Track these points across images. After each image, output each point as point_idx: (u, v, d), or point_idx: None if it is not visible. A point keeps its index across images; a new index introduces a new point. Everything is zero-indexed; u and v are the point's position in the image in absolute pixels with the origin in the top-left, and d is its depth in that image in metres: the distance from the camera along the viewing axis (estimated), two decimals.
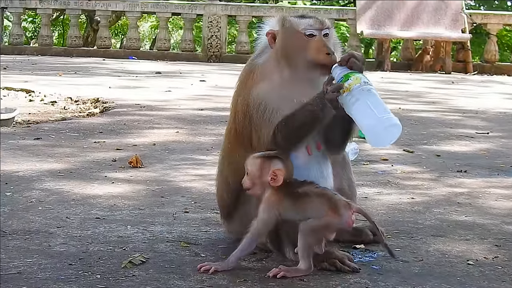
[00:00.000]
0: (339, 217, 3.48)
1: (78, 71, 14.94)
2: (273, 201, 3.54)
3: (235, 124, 3.88)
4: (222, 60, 20.27)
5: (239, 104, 3.84)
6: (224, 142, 4.05)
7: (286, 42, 3.78)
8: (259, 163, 3.56)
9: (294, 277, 3.45)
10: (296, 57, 3.76)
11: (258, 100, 3.74)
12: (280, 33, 3.80)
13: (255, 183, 3.57)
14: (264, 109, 3.72)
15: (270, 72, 3.79)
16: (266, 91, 3.74)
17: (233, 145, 3.92)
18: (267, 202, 3.54)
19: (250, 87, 3.79)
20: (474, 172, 6.23)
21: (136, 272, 3.49)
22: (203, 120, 8.75)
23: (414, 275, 3.57)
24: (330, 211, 3.48)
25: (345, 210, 3.49)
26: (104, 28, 21.87)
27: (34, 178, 5.48)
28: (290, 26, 3.78)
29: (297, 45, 3.75)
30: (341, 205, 3.50)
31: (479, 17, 20.69)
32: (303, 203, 3.51)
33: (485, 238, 4.24)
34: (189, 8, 21.17)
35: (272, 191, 3.54)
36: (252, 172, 3.57)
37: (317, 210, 3.49)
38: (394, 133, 3.49)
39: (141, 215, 4.55)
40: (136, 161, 6.04)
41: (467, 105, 11.41)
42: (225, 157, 4.00)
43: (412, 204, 5.03)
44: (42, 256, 3.67)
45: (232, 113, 3.93)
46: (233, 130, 3.91)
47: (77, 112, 9.49)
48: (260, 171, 3.55)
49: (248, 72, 3.87)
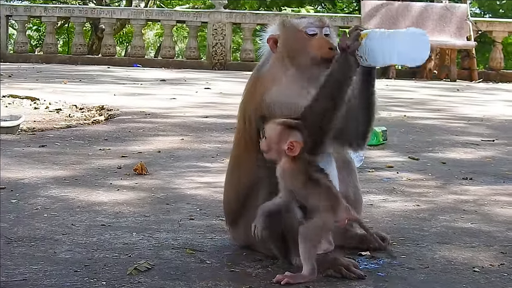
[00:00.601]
0: (334, 215, 3.51)
1: (83, 79, 14.96)
2: (287, 168, 3.56)
3: (245, 132, 3.88)
4: (227, 67, 20.27)
5: (250, 112, 3.84)
6: (234, 151, 4.04)
7: (288, 42, 3.84)
8: (278, 130, 3.58)
9: (299, 284, 3.44)
10: (299, 56, 3.81)
11: (270, 104, 3.75)
12: (282, 34, 3.86)
13: (271, 148, 3.59)
14: (278, 112, 3.72)
15: (277, 76, 3.81)
16: (277, 95, 3.76)
17: (243, 154, 3.92)
18: (282, 169, 3.57)
19: (260, 94, 3.80)
20: (479, 179, 6.22)
21: (141, 279, 3.49)
22: (208, 128, 8.75)
23: (420, 282, 3.56)
24: (329, 207, 3.50)
25: (342, 212, 3.52)
26: (109, 36, 21.88)
27: (39, 185, 5.49)
28: (291, 26, 3.87)
29: (300, 44, 3.82)
30: (341, 207, 3.53)
31: (484, 24, 20.67)
32: (311, 187, 3.53)
33: (491, 245, 4.23)
34: (194, 16, 21.19)
35: (288, 159, 3.56)
36: (270, 136, 3.59)
37: (318, 200, 3.51)
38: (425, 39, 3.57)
39: (146, 222, 4.55)
40: (141, 168, 6.04)
41: (472, 113, 11.40)
42: (234, 164, 4.00)
43: (417, 211, 5.02)
44: (48, 263, 3.67)
45: (240, 123, 3.93)
46: (243, 140, 3.91)
47: (82, 120, 9.50)
48: (278, 137, 3.57)
49: (255, 81, 3.89)
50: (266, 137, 3.60)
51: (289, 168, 3.56)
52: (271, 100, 3.76)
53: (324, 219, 3.51)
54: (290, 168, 3.56)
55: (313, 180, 3.54)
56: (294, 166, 3.56)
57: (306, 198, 3.54)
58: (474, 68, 19.56)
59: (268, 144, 3.60)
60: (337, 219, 3.53)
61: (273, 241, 3.75)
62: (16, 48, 21.39)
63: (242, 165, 3.91)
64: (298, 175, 3.55)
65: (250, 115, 3.84)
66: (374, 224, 4.52)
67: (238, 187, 3.92)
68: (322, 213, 3.50)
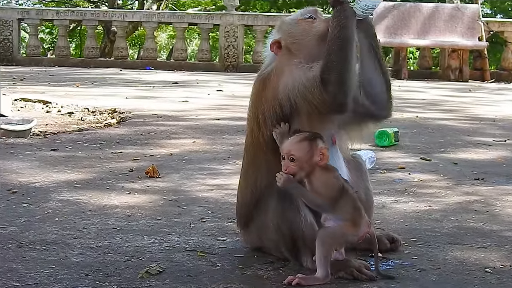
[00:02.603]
0: (356, 230, 3.51)
1: (95, 82, 15.00)
2: (323, 179, 3.55)
3: (259, 135, 3.85)
4: (239, 69, 20.29)
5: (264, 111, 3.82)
6: (247, 153, 3.99)
7: (293, 34, 3.87)
8: (307, 145, 3.56)
9: (311, 286, 3.44)
10: (307, 39, 3.85)
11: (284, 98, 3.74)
12: (285, 31, 3.90)
13: (303, 166, 3.55)
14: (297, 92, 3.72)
15: (285, 69, 3.80)
16: (288, 84, 3.75)
17: (258, 156, 3.89)
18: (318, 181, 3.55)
19: (271, 91, 3.79)
20: (491, 180, 6.20)
21: (153, 282, 3.49)
22: (220, 130, 8.75)
23: (432, 283, 3.55)
24: (353, 219, 3.50)
25: (364, 227, 3.53)
26: (121, 38, 21.94)
27: (51, 189, 5.50)
28: (291, 21, 3.93)
29: (305, 29, 3.86)
30: (364, 220, 3.54)
31: (495, 25, 20.61)
32: (340, 196, 3.52)
33: (503, 245, 4.22)
34: (206, 18, 21.22)
35: (321, 170, 3.56)
36: (302, 155, 3.55)
37: (343, 210, 3.51)
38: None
39: (157, 225, 4.55)
40: (153, 171, 6.05)
41: (484, 113, 11.36)
42: (249, 165, 3.96)
43: (429, 212, 5.01)
44: (59, 267, 3.68)
45: (252, 126, 3.90)
46: (256, 142, 3.88)
47: (94, 123, 9.52)
48: (310, 153, 3.55)
49: (262, 81, 3.88)
50: (295, 159, 3.55)
51: (323, 177, 3.56)
52: (284, 92, 3.75)
53: (346, 229, 3.51)
54: (324, 177, 3.56)
55: (345, 188, 3.55)
56: (328, 173, 3.57)
57: (333, 206, 3.52)
58: (486, 69, 19.51)
59: (298, 165, 3.55)
60: (357, 233, 3.52)
61: (284, 243, 3.75)
62: (28, 51, 21.48)
63: (258, 168, 3.89)
64: (333, 181, 3.56)
65: (262, 116, 3.83)
66: (386, 225, 4.52)
67: (254, 189, 3.90)
68: (345, 222, 3.50)
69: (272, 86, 3.81)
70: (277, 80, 3.80)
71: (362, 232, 3.53)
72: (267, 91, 3.83)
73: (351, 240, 3.57)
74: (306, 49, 3.84)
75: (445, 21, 19.54)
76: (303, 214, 3.65)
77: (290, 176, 3.55)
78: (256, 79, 3.96)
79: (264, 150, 3.84)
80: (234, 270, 3.71)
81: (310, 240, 3.59)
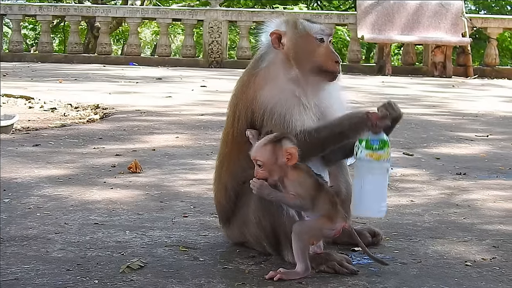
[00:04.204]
0: (332, 224, 3.51)
1: (78, 78, 14.94)
2: (295, 178, 3.53)
3: (233, 128, 3.87)
4: (223, 65, 20.27)
5: (241, 108, 3.83)
6: (221, 147, 4.03)
7: (298, 44, 3.84)
8: (270, 148, 3.54)
9: (292, 280, 3.45)
10: (306, 61, 3.83)
11: (266, 105, 3.74)
12: (292, 34, 3.85)
13: (272, 170, 3.53)
14: (273, 114, 3.72)
15: (275, 75, 3.80)
16: (274, 96, 3.75)
17: (231, 149, 3.91)
18: (290, 181, 3.53)
19: (255, 92, 3.79)
20: (473, 174, 6.23)
21: (134, 277, 3.49)
22: (203, 125, 8.75)
23: (412, 277, 3.57)
24: (329, 214, 3.50)
25: (340, 221, 3.52)
26: (105, 34, 21.85)
27: (33, 184, 5.48)
28: (303, 28, 3.87)
29: (309, 49, 3.84)
30: (340, 215, 3.53)
31: (479, 21, 20.68)
32: (318, 190, 3.52)
33: (483, 239, 4.24)
34: (190, 13, 21.18)
35: (291, 170, 3.53)
36: (266, 159, 3.53)
37: (320, 206, 3.50)
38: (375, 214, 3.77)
39: (139, 220, 4.54)
40: (135, 167, 6.04)
41: (467, 109, 11.41)
42: (223, 162, 3.99)
43: (411, 206, 5.03)
44: (40, 262, 3.67)
45: (230, 117, 3.92)
46: (230, 135, 3.90)
47: (77, 119, 9.49)
48: (274, 155, 3.53)
49: (250, 76, 3.87)
50: (262, 163, 3.54)
51: (296, 177, 3.54)
52: (263, 99, 3.75)
53: (321, 224, 3.51)
54: (297, 176, 3.54)
55: (320, 184, 3.54)
56: (300, 172, 3.55)
57: (312, 203, 3.51)
58: (469, 65, 19.58)
59: (266, 169, 3.54)
60: (334, 227, 3.52)
61: (266, 237, 3.76)
62: (11, 47, 21.36)
63: (231, 164, 3.91)
64: (307, 179, 3.54)
65: (240, 111, 3.83)
66: (367, 219, 4.53)
67: (228, 185, 3.91)
68: (321, 218, 3.50)
69: (257, 86, 3.81)
70: (263, 83, 3.79)
71: (339, 226, 3.52)
72: (251, 90, 3.82)
73: (327, 234, 3.56)
74: (303, 66, 3.82)
75: (429, 17, 19.61)
76: (285, 208, 3.65)
77: (263, 182, 3.53)
78: (248, 70, 3.93)
79: (236, 145, 3.85)
80: (216, 264, 3.71)
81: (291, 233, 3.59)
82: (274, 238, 3.74)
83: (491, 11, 32.76)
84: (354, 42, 20.61)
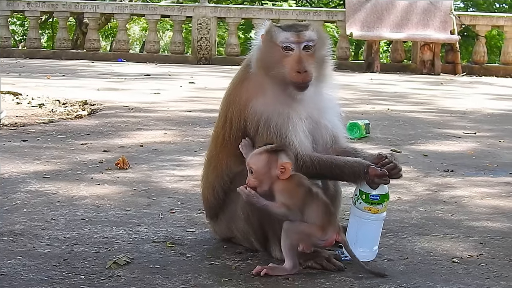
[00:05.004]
0: (323, 234, 3.50)
1: (66, 74, 14.89)
2: (283, 190, 3.51)
3: (224, 131, 3.86)
4: (212, 62, 20.24)
5: (232, 113, 3.82)
6: (210, 145, 4.03)
7: (265, 53, 3.78)
8: (265, 158, 3.53)
9: (279, 276, 3.45)
10: (273, 71, 3.74)
11: (260, 115, 3.72)
12: (263, 42, 3.80)
13: (262, 180, 3.53)
14: (268, 126, 3.70)
15: (262, 85, 3.77)
16: (267, 106, 3.72)
17: (219, 150, 3.91)
18: (279, 192, 3.52)
19: (246, 99, 3.77)
20: (460, 171, 6.24)
21: (120, 272, 3.49)
22: (191, 122, 8.73)
23: (399, 273, 3.57)
24: (321, 224, 3.49)
25: (332, 232, 3.52)
26: (93, 30, 21.78)
27: (20, 180, 5.46)
28: (270, 37, 3.76)
29: (275, 58, 3.74)
30: (333, 226, 3.52)
31: (467, 18, 20.71)
32: (309, 200, 3.51)
33: (470, 236, 4.25)
34: (178, 10, 21.13)
35: (281, 181, 3.52)
36: (259, 168, 3.52)
37: (313, 215, 3.49)
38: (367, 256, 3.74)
39: (127, 216, 4.54)
40: (123, 163, 6.03)
41: (455, 106, 11.44)
42: (211, 161, 3.99)
43: (398, 203, 5.03)
44: (26, 258, 3.66)
45: (221, 119, 3.90)
46: (221, 136, 3.89)
47: (65, 115, 9.45)
48: (267, 166, 3.52)
49: (241, 80, 3.85)
50: (254, 172, 3.52)
51: (286, 187, 3.52)
52: (256, 109, 3.73)
53: (311, 231, 3.50)
54: (287, 187, 3.53)
55: (313, 194, 3.52)
56: (291, 184, 3.53)
57: (301, 210, 3.50)
58: (457, 62, 19.60)
59: (257, 178, 3.52)
60: (325, 238, 3.51)
61: (254, 233, 3.76)
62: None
63: (218, 164, 3.90)
64: (296, 190, 3.52)
65: (233, 115, 3.82)
66: None
67: (215, 183, 3.91)
68: (312, 225, 3.49)
69: (248, 94, 3.78)
70: (254, 93, 3.76)
71: (330, 238, 3.51)
72: (243, 96, 3.80)
73: (316, 243, 3.54)
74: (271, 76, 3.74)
75: (418, 14, 19.62)
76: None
77: (251, 192, 3.52)
78: (241, 72, 3.91)
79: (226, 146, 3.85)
80: (203, 260, 3.71)
81: (280, 230, 3.59)
82: (262, 234, 3.74)
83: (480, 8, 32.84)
84: (343, 39, 20.60)
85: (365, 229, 3.72)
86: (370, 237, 3.74)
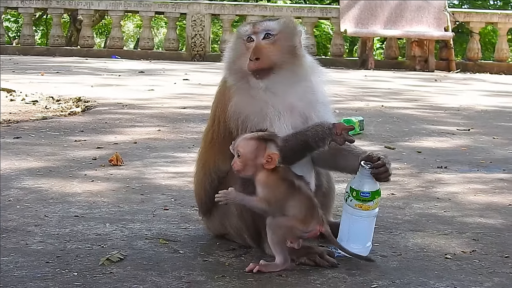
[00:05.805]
0: (305, 226, 3.50)
1: (60, 71, 14.88)
2: (267, 180, 3.50)
3: (213, 129, 3.88)
4: (206, 59, 20.24)
5: (220, 112, 3.83)
6: (202, 143, 4.04)
7: (234, 50, 3.86)
8: (253, 144, 3.51)
9: (272, 272, 3.45)
10: (236, 65, 3.80)
11: (235, 115, 3.73)
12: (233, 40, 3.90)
13: (247, 164, 3.51)
14: (242, 123, 3.71)
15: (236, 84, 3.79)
16: (241, 105, 3.74)
17: (208, 148, 3.92)
18: (262, 182, 3.51)
19: (227, 99, 3.79)
20: (454, 168, 6.25)
21: (113, 269, 3.48)
22: (185, 118, 8.73)
23: (392, 269, 3.58)
24: (303, 217, 3.49)
25: (315, 224, 3.51)
26: (87, 27, 21.78)
27: (13, 176, 5.45)
28: (237, 33, 3.87)
29: (240, 52, 3.81)
30: (316, 218, 3.52)
31: (461, 15, 20.75)
32: (291, 194, 3.50)
33: (463, 232, 4.25)
34: (173, 7, 21.13)
35: (266, 172, 3.51)
36: (246, 154, 3.51)
37: (295, 208, 3.49)
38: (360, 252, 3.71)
39: (120, 212, 4.53)
40: (116, 159, 6.02)
41: (449, 103, 11.45)
42: (201, 158, 3.99)
43: (392, 199, 5.03)
44: (19, 254, 3.65)
45: (211, 117, 3.93)
46: (210, 135, 3.91)
47: (59, 111, 9.44)
48: (254, 153, 3.50)
49: (224, 81, 3.88)
50: (240, 156, 3.51)
51: (269, 180, 3.51)
52: (236, 112, 3.74)
53: (292, 224, 3.49)
54: (270, 180, 3.51)
55: (295, 187, 3.52)
56: (274, 176, 3.52)
57: (282, 203, 3.49)
58: (451, 59, 19.64)
59: (243, 162, 3.51)
60: (308, 230, 3.51)
61: (247, 229, 3.76)
62: None
63: (207, 163, 3.91)
64: (279, 184, 3.51)
65: (220, 115, 3.83)
66: None
67: (205, 180, 3.91)
68: (292, 218, 3.49)
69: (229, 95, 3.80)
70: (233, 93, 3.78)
71: (313, 229, 3.51)
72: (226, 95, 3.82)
73: (299, 235, 3.53)
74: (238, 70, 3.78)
75: (412, 11, 19.65)
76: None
77: (227, 190, 3.52)
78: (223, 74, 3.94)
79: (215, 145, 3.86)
80: (196, 257, 3.71)
81: None
82: (255, 230, 3.74)
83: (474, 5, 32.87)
84: (337, 36, 20.63)
85: (357, 226, 3.72)
86: (363, 233, 3.74)
